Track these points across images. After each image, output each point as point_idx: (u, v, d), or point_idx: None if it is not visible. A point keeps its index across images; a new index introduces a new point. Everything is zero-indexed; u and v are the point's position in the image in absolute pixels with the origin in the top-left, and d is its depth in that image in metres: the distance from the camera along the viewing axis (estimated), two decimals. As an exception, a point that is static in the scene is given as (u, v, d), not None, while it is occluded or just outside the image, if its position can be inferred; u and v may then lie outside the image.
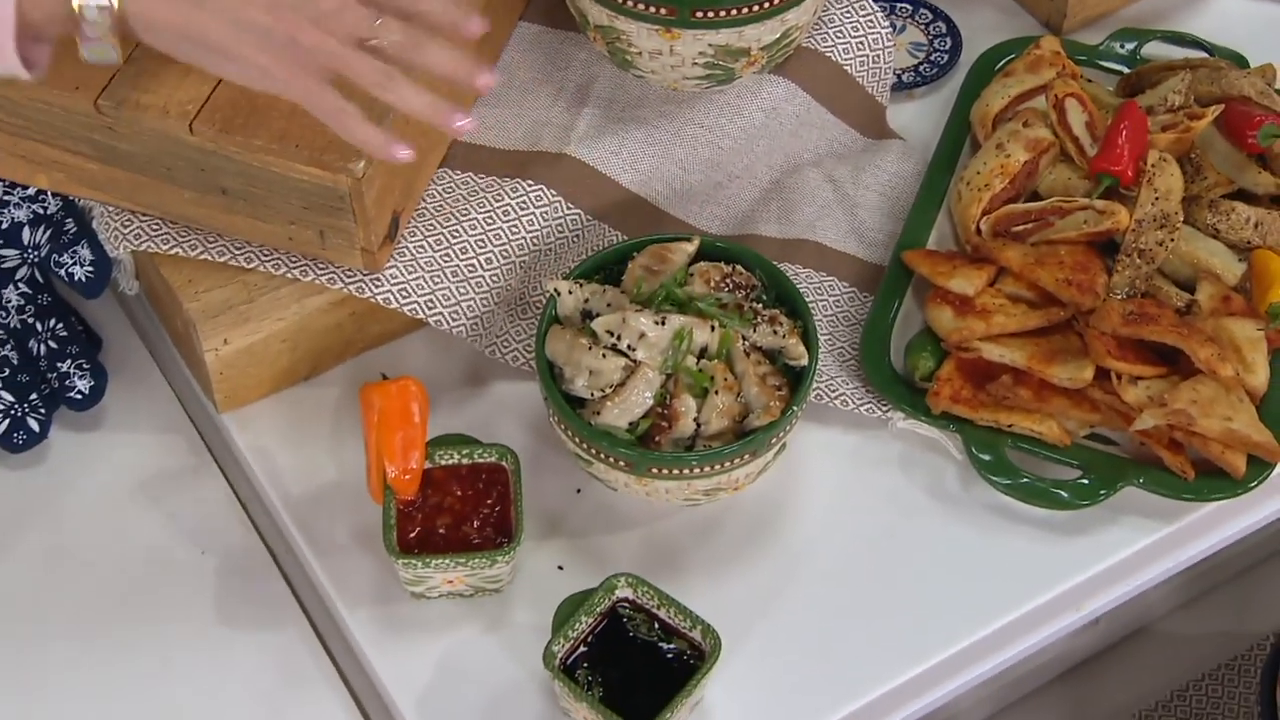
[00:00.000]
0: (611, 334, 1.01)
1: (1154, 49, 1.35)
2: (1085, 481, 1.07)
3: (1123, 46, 1.35)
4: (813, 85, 1.23)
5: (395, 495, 1.01)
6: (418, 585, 1.01)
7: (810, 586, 1.05)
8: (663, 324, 1.01)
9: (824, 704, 1.01)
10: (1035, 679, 1.41)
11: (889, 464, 1.11)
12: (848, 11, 1.25)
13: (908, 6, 1.38)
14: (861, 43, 1.25)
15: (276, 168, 1.01)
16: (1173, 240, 1.15)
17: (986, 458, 1.08)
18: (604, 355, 1.01)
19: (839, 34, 1.24)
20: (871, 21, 1.25)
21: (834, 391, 1.12)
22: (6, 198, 1.15)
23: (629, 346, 1.01)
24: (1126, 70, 1.32)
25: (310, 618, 1.05)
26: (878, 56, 1.26)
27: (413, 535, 1.01)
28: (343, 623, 1.03)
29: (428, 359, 1.15)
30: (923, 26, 1.37)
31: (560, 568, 1.05)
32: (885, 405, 1.12)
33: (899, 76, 1.32)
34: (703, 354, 1.03)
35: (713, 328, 1.02)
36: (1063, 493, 1.07)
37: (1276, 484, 1.11)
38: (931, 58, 1.35)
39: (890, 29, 1.27)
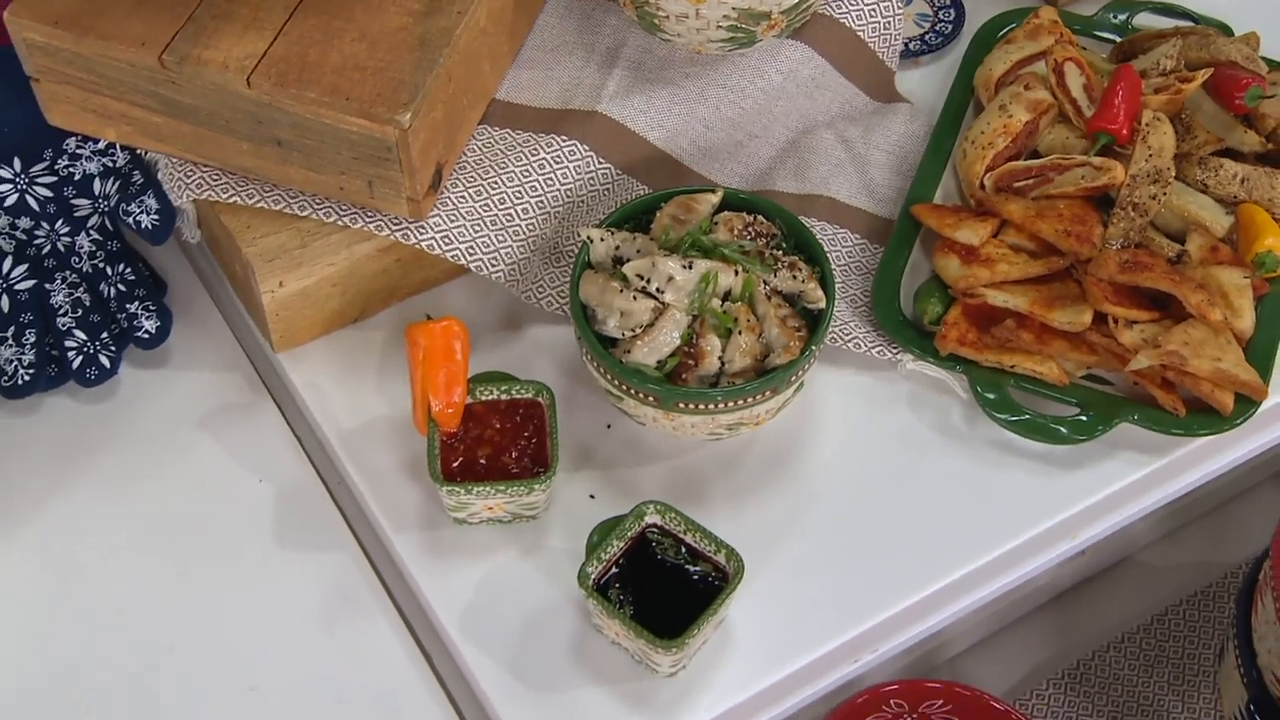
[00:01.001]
0: (641, 277, 0.96)
1: (1144, 19, 1.29)
2: (1083, 418, 1.03)
3: (1115, 17, 1.29)
4: (828, 50, 1.18)
5: (439, 427, 0.97)
6: (460, 511, 0.97)
7: (825, 516, 1.01)
8: (689, 268, 0.96)
9: (837, 624, 0.97)
10: (1026, 604, 1.36)
11: (898, 403, 1.07)
12: (860, -20, 1.20)
13: (902, 20, 1.32)
14: (874, 10, 1.19)
15: (328, 119, 0.96)
16: (1165, 194, 1.10)
17: (991, 396, 1.03)
18: (634, 297, 0.96)
19: (852, 1, 1.19)
20: (883, -11, 1.20)
21: (848, 335, 1.07)
22: (79, 151, 1.11)
23: (658, 289, 0.96)
24: (1119, 39, 1.27)
25: (360, 542, 1.01)
26: (888, 24, 1.20)
27: (455, 465, 0.97)
28: (391, 547, 0.99)
29: (467, 304, 1.10)
30: (929, -1, 1.32)
31: (592, 497, 1.01)
32: (895, 348, 1.07)
33: (906, 45, 1.27)
34: (726, 297, 0.98)
35: (736, 272, 0.98)
36: (1062, 428, 1.02)
37: (1261, 421, 1.06)
38: (936, 28, 1.30)
39: (901, -5, 1.21)
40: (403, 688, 0.94)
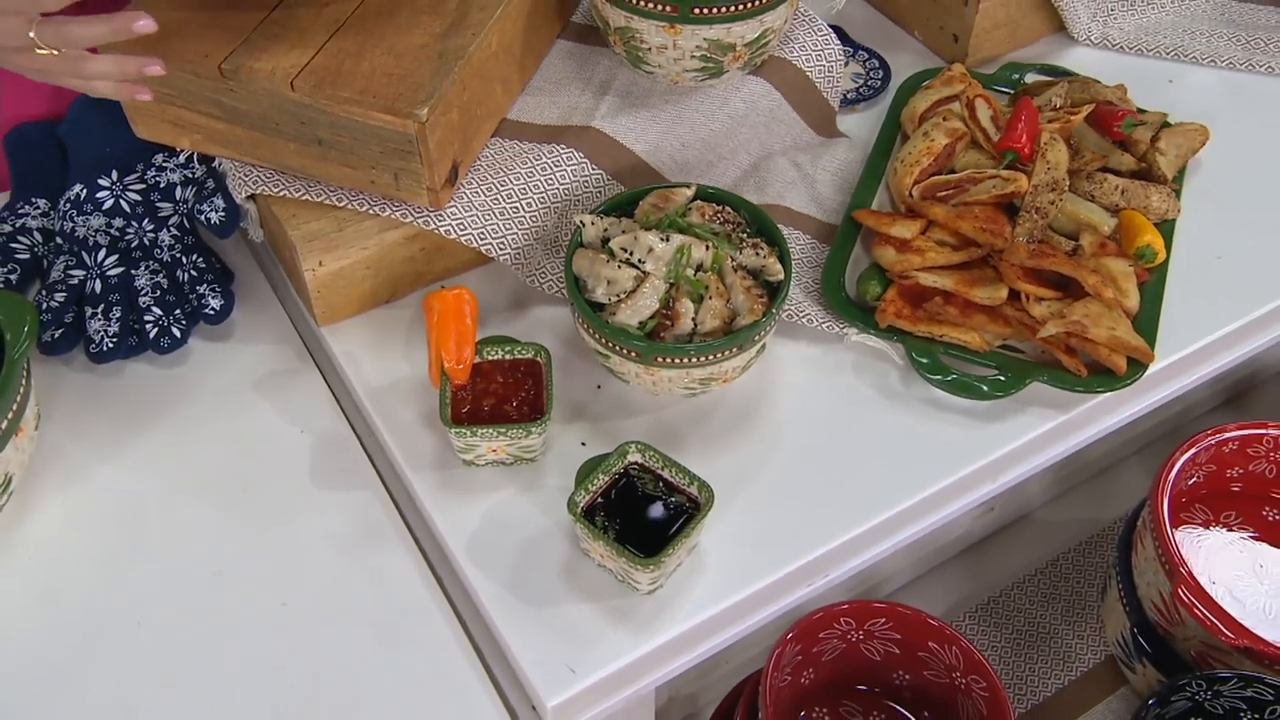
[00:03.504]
0: (625, 250, 0.80)
1: (1033, 78, 1.13)
2: (1001, 378, 0.86)
3: (1011, 75, 1.14)
4: (782, 86, 1.01)
5: (450, 381, 0.80)
6: (468, 453, 0.80)
7: (783, 461, 0.83)
8: (667, 241, 0.79)
9: (794, 551, 0.79)
10: (947, 551, 1.19)
11: (844, 369, 0.89)
12: (809, 32, 1.04)
13: (850, 49, 1.17)
14: (820, 55, 1.03)
15: (358, 116, 0.80)
16: (1061, 200, 0.94)
17: (924, 360, 0.86)
18: (619, 267, 0.79)
19: (802, 48, 1.03)
20: (827, 40, 1.04)
21: (801, 313, 0.90)
22: (164, 165, 0.95)
23: (639, 260, 0.80)
24: (1013, 91, 1.11)
25: (384, 482, 0.84)
26: (831, 68, 1.04)
27: (464, 412, 0.80)
28: (409, 485, 0.82)
29: (481, 288, 0.93)
30: (861, 62, 1.16)
31: (583, 444, 0.84)
32: (842, 323, 0.90)
33: (844, 96, 1.11)
34: (699, 269, 0.81)
35: (707, 247, 0.81)
36: (984, 386, 0.85)
37: (1149, 382, 0.89)
38: (868, 82, 1.14)
39: (841, 49, 1.05)
40: (416, 605, 0.76)
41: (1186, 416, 1.33)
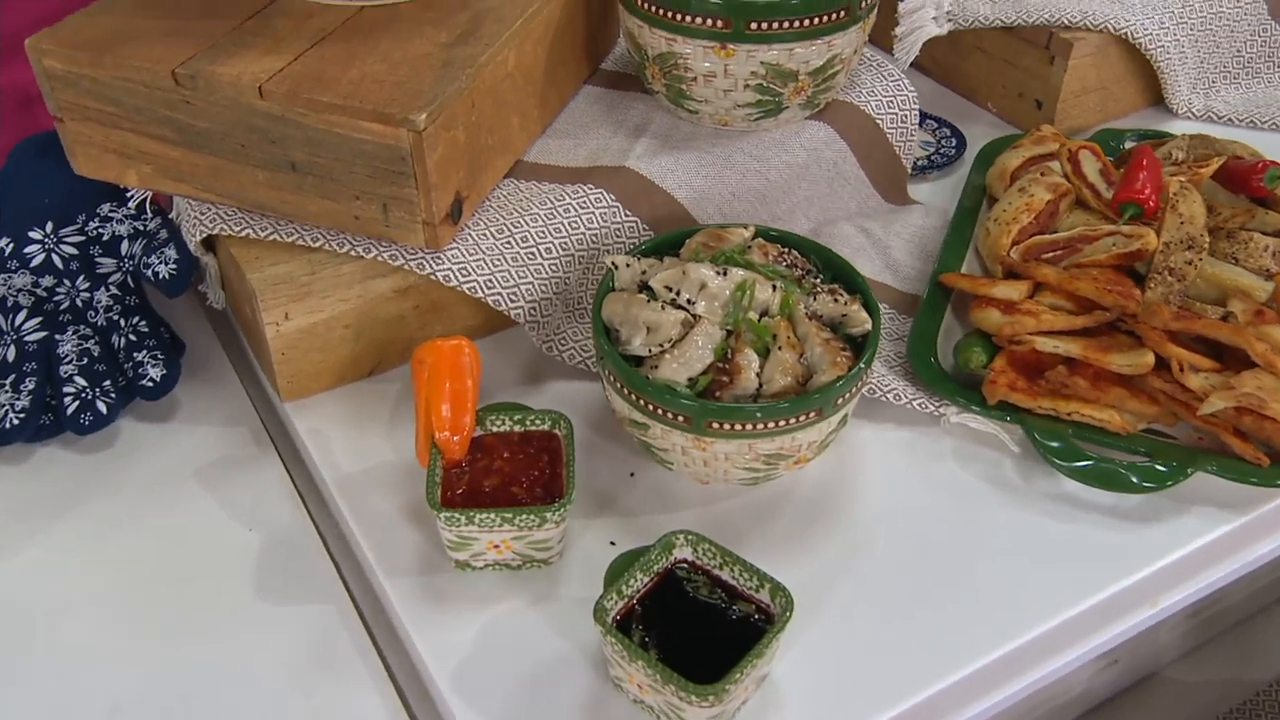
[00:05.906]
0: (670, 289, 0.65)
1: (1131, 145, 1.02)
2: (1158, 466, 0.69)
3: (1109, 141, 1.02)
4: (848, 133, 0.89)
5: (441, 455, 0.64)
6: (462, 550, 0.63)
7: (874, 571, 0.66)
8: (724, 275, 0.65)
9: (890, 694, 0.60)
10: (1060, 716, 0.98)
11: (944, 457, 0.73)
12: (878, 76, 0.92)
13: (918, 116, 1.06)
14: (891, 101, 0.92)
15: (340, 128, 0.67)
16: (1200, 261, 0.79)
17: (1054, 444, 0.70)
18: (663, 308, 0.64)
19: (871, 93, 0.91)
20: (899, 86, 0.92)
21: (886, 386, 0.75)
22: (111, 215, 0.83)
23: (688, 300, 0.65)
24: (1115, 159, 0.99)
25: (351, 592, 0.66)
26: (905, 116, 0.92)
27: (458, 494, 0.63)
28: (383, 594, 0.65)
29: (490, 361, 0.78)
30: (932, 131, 1.05)
31: (612, 543, 0.67)
32: (938, 400, 0.74)
33: (915, 163, 0.99)
34: (764, 314, 0.66)
35: (774, 288, 0.66)
36: (1133, 477, 0.68)
37: (1346, 478, 0.72)
38: (940, 150, 1.03)
39: (914, 92, 0.93)
40: (381, 758, 0.58)
41: (1336, 557, 1.14)
